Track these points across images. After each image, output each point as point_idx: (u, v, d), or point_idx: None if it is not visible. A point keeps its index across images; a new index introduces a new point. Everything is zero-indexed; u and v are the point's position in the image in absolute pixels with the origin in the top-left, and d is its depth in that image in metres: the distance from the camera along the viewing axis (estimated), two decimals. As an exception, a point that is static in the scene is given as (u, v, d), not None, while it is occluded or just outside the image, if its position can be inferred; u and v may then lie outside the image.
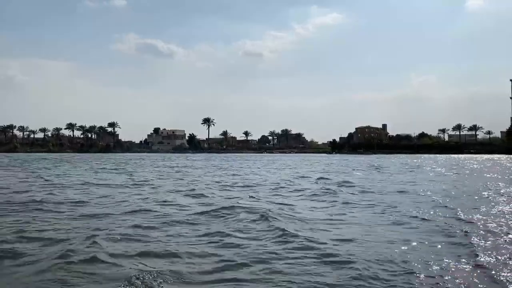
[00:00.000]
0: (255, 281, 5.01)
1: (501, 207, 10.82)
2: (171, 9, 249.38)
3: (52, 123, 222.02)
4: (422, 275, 5.16)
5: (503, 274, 5.21)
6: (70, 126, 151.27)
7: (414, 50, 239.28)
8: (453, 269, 5.42)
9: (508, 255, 6.04)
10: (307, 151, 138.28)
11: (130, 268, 5.42)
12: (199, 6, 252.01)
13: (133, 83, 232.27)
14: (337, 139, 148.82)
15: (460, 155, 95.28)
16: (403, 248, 6.51)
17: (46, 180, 20.45)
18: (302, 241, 6.81)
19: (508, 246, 6.55)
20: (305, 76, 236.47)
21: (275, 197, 13.52)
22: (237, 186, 17.81)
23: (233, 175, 26.40)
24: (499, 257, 5.91)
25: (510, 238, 7.11)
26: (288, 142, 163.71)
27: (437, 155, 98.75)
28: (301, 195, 14.31)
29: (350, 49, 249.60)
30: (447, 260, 5.78)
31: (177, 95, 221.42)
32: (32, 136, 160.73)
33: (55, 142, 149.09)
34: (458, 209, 10.38)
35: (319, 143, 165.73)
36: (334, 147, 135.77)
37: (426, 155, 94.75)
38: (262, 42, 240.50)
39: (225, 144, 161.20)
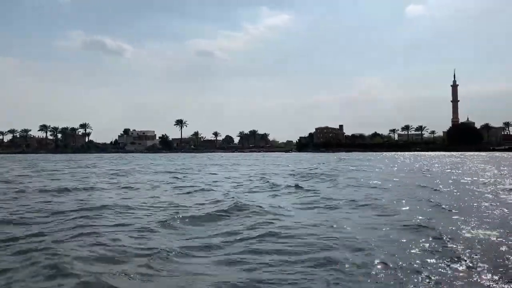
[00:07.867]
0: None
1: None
2: (118, 6, 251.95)
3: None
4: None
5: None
6: (44, 128, 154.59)
7: (363, 53, 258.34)
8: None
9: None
10: (273, 150, 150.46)
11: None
12: (146, 3, 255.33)
13: (84, 81, 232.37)
14: (298, 139, 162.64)
15: (403, 153, 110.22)
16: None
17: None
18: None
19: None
20: (261, 76, 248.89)
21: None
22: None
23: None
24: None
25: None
26: (253, 141, 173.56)
27: (387, 152, 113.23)
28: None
29: (302, 51, 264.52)
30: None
31: (131, 94, 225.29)
32: (1, 137, 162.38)
33: (27, 144, 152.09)
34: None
35: (279, 142, 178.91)
36: (300, 146, 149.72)
37: (377, 153, 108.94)
38: (215, 42, 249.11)
39: (194, 144, 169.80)
